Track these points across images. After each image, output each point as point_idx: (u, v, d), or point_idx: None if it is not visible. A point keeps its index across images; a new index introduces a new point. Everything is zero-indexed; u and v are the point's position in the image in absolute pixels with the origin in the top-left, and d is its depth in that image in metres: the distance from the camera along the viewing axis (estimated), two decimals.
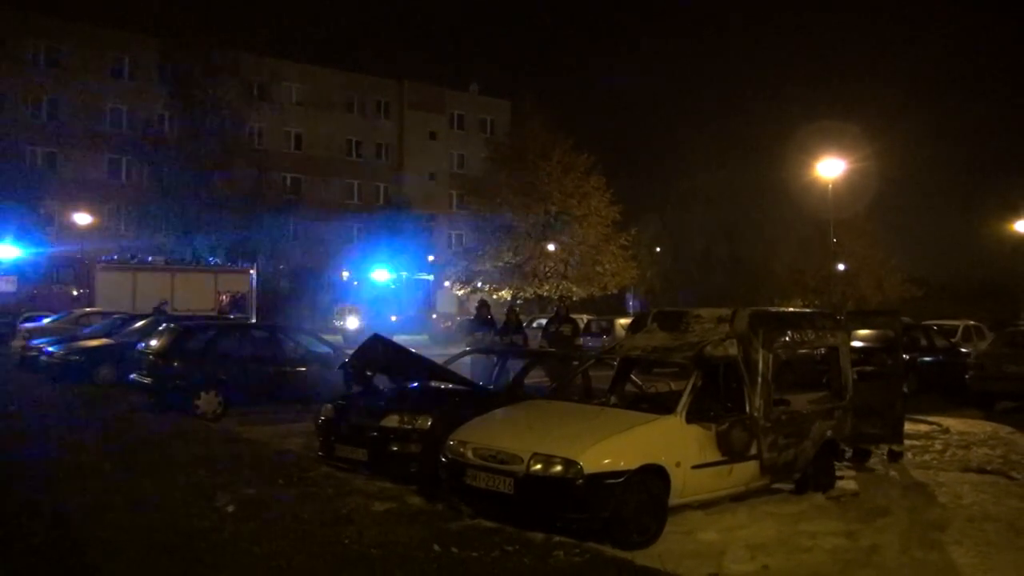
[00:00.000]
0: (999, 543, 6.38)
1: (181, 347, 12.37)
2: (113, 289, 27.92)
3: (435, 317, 35.17)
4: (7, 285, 27.15)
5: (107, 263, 30.33)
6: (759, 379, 7.23)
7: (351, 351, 10.11)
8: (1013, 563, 5.97)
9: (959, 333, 21.77)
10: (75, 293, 28.39)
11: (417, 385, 9.08)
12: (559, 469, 6.02)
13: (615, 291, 40.88)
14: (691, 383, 6.89)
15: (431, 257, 46.92)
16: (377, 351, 9.12)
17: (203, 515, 6.11)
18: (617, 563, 5.34)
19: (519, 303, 34.87)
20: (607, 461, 6.12)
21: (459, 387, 9.06)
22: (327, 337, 15.58)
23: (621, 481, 6.05)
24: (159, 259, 31.11)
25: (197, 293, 28.40)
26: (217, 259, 33.25)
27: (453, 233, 53.64)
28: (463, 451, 6.59)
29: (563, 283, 37.65)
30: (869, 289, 46.90)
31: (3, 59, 41.79)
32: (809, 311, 13.49)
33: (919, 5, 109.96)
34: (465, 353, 11.29)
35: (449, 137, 57.07)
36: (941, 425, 12.15)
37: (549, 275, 37.98)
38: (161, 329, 13.44)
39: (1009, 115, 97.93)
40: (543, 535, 5.72)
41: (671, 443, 6.53)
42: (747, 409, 7.14)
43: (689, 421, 6.66)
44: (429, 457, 7.19)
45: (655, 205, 51.82)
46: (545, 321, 19.07)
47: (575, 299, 38.05)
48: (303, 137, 51.74)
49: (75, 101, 43.59)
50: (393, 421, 7.89)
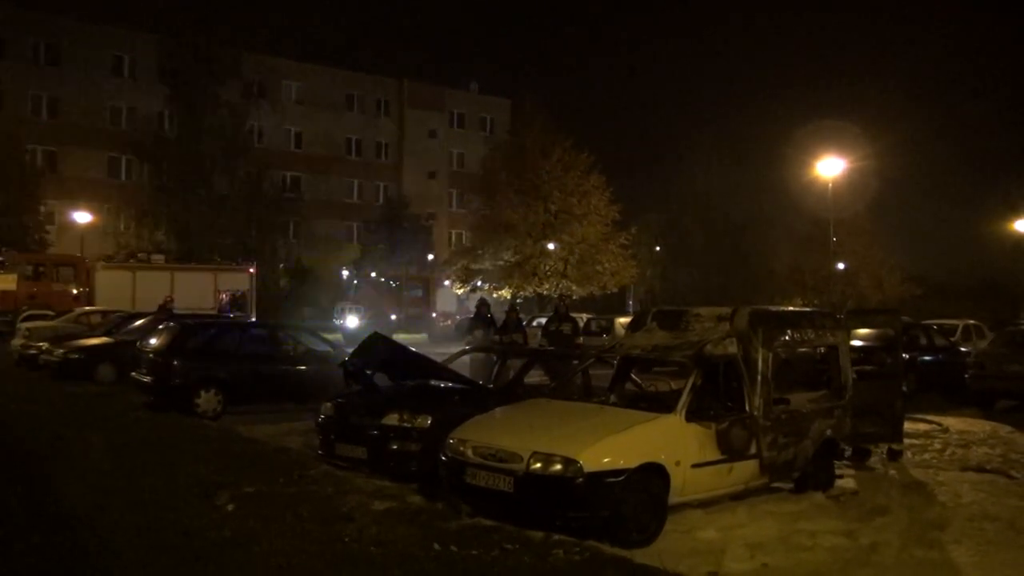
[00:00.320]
0: (999, 542, 6.39)
1: (181, 345, 12.37)
2: (113, 288, 27.95)
3: (435, 316, 35.17)
4: (7, 283, 27.11)
5: (107, 262, 30.36)
6: (759, 378, 7.24)
7: (351, 350, 10.12)
8: (1013, 562, 5.97)
9: (959, 332, 21.80)
10: (75, 292, 28.38)
11: (417, 384, 9.08)
12: (559, 468, 6.03)
13: (615, 290, 40.85)
14: (691, 382, 6.90)
15: (431, 256, 46.93)
16: (377, 350, 9.14)
17: (203, 513, 6.11)
18: (617, 562, 5.34)
19: (519, 302, 34.84)
20: (607, 460, 6.12)
21: (459, 386, 9.07)
22: (327, 335, 15.58)
23: (621, 480, 6.06)
24: (159, 257, 31.12)
25: (197, 292, 28.40)
26: (217, 257, 33.27)
27: (453, 232, 53.68)
28: (463, 450, 6.60)
29: (563, 282, 37.62)
30: (869, 288, 46.85)
31: (3, 57, 41.82)
32: (809, 310, 13.50)
33: (919, 5, 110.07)
34: (465, 352, 11.31)
35: (449, 136, 57.06)
36: (941, 424, 12.16)
37: (549, 274, 37.96)
38: (161, 327, 13.45)
39: (1009, 114, 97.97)
40: (543, 534, 5.72)
41: (671, 442, 6.53)
42: (747, 408, 7.15)
43: (689, 420, 6.67)
44: (429, 456, 7.20)
45: (655, 204, 51.79)
46: (545, 320, 19.07)
47: (575, 298, 38.02)
48: (303, 136, 51.77)
49: (75, 99, 43.61)
50: (393, 420, 7.89)
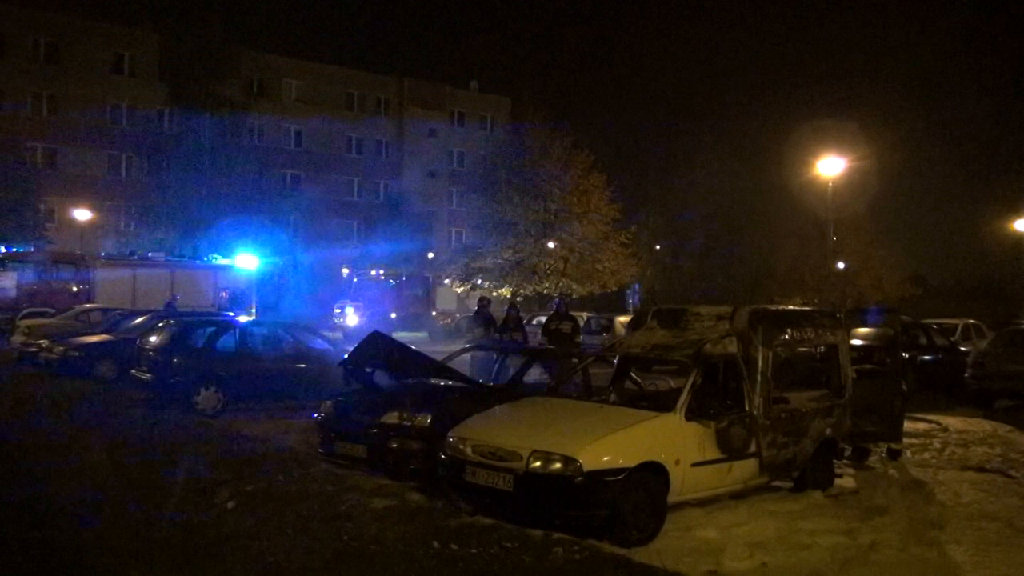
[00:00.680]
0: (998, 541, 6.40)
1: (181, 343, 12.37)
2: (113, 285, 27.95)
3: (435, 314, 35.19)
4: (7, 281, 27.11)
5: (107, 259, 30.37)
6: (759, 377, 7.24)
7: (351, 348, 10.12)
8: (1012, 561, 5.98)
9: (958, 332, 21.79)
10: (75, 289, 28.38)
11: (417, 382, 9.07)
12: (558, 466, 6.03)
13: (615, 289, 40.82)
14: (691, 381, 6.89)
15: (431, 254, 46.93)
16: (377, 348, 9.13)
17: (202, 511, 6.11)
18: (616, 560, 5.34)
19: (519, 300, 34.84)
20: (606, 458, 6.12)
21: (459, 384, 9.06)
22: (326, 334, 15.59)
23: (620, 479, 6.06)
24: (159, 255, 31.13)
25: (197, 289, 28.39)
26: (217, 255, 33.25)
27: (453, 230, 53.65)
28: (462, 448, 6.60)
29: (563, 280, 37.61)
30: (868, 288, 46.87)
31: (4, 54, 41.81)
32: (809, 309, 13.50)
33: (920, 3, 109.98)
34: (465, 350, 11.30)
35: (449, 134, 57.02)
36: (940, 423, 12.16)
37: (549, 272, 37.95)
38: (161, 325, 13.45)
39: (1010, 113, 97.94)
40: (542, 532, 5.72)
41: (670, 441, 6.53)
42: (746, 407, 7.15)
43: (688, 419, 6.66)
44: (428, 454, 7.20)
45: (655, 203, 51.69)
46: (545, 318, 19.07)
47: (575, 296, 38.01)
48: (303, 134, 51.73)
49: (75, 97, 43.58)
50: (393, 418, 7.89)
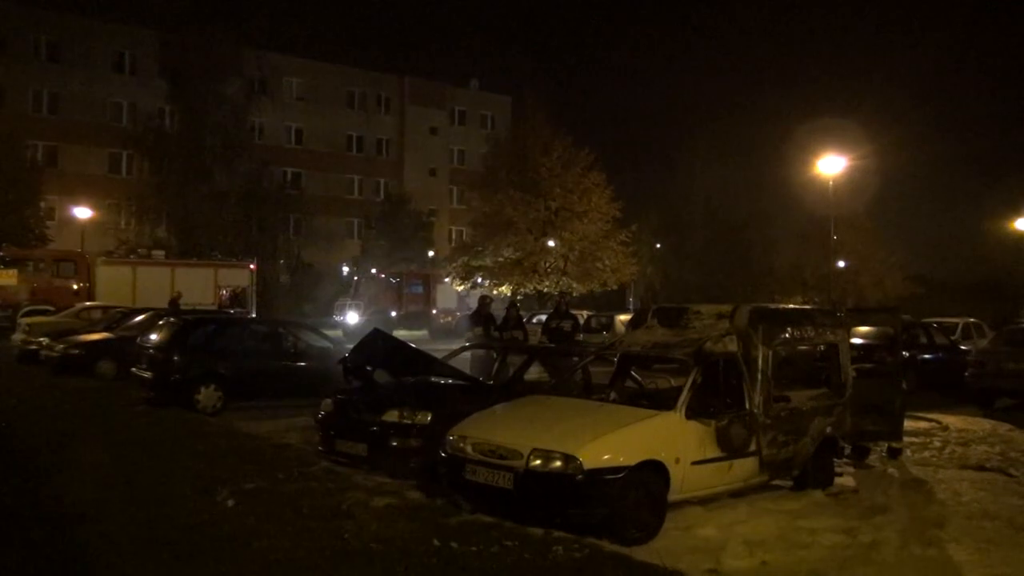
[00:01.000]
0: (998, 540, 6.39)
1: (181, 341, 12.37)
2: (113, 283, 27.98)
3: (435, 312, 35.19)
4: (7, 279, 27.13)
5: (107, 257, 30.39)
6: (759, 375, 7.24)
7: (351, 346, 10.12)
8: (1012, 560, 5.97)
9: (959, 330, 21.77)
10: (75, 287, 28.41)
11: (417, 380, 9.08)
12: (559, 465, 6.03)
13: (615, 287, 40.79)
14: (691, 379, 6.89)
15: (431, 252, 46.92)
16: (377, 346, 9.14)
17: (202, 509, 6.11)
18: (616, 559, 5.34)
19: (519, 299, 34.82)
20: (607, 457, 6.13)
21: (459, 382, 9.07)
22: (327, 332, 15.59)
23: (620, 477, 6.06)
24: (159, 253, 31.13)
25: (197, 287, 28.40)
26: (217, 253, 33.26)
27: (453, 228, 53.66)
28: (463, 446, 6.60)
29: (563, 279, 37.56)
30: (869, 287, 46.86)
31: (4, 53, 41.80)
32: (809, 308, 13.50)
33: (922, 2, 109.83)
34: (465, 348, 11.30)
35: (450, 133, 57.05)
36: (940, 422, 12.16)
37: (549, 271, 37.90)
38: (161, 323, 13.45)
39: (1011, 112, 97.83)
40: (542, 530, 5.72)
41: (671, 439, 6.53)
42: (747, 405, 7.15)
43: (689, 417, 6.67)
44: (429, 452, 7.20)
45: (655, 201, 51.73)
46: (545, 317, 19.07)
47: (575, 295, 37.99)
48: (303, 132, 51.77)
49: (76, 95, 43.60)
50: (393, 416, 7.90)
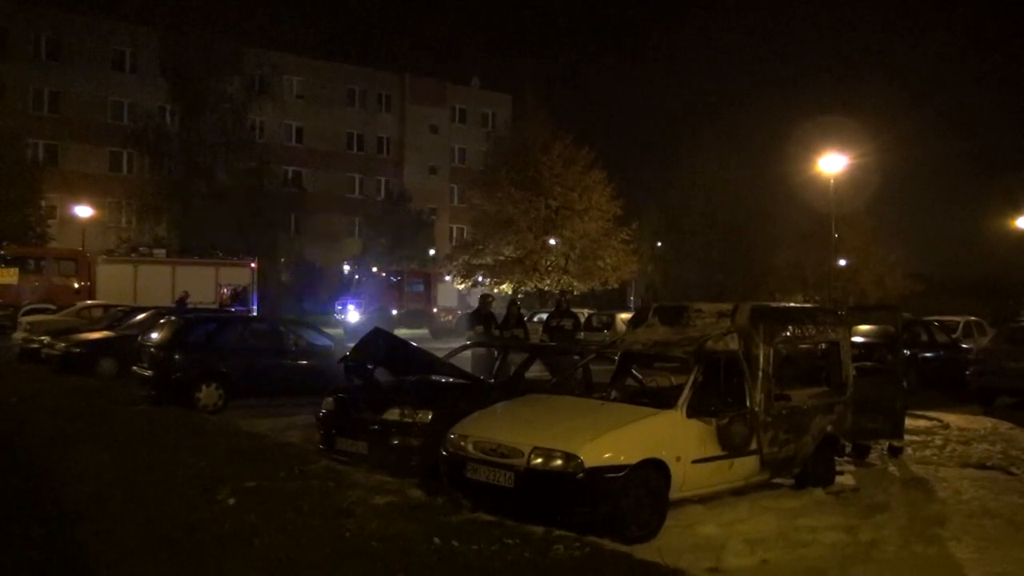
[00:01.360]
0: (999, 539, 6.40)
1: (182, 339, 12.37)
2: (114, 282, 27.99)
3: (436, 311, 35.19)
4: (8, 277, 27.14)
5: (108, 256, 30.40)
6: (760, 374, 7.24)
7: (352, 344, 10.12)
8: (1012, 559, 5.97)
9: (960, 329, 21.73)
10: (76, 286, 28.43)
11: (418, 379, 9.08)
12: (560, 463, 6.03)
13: (616, 285, 40.79)
14: (692, 378, 6.89)
15: (432, 251, 46.92)
16: (378, 345, 9.14)
17: (203, 508, 6.11)
18: (617, 557, 5.34)
19: (520, 297, 34.81)
20: (608, 455, 6.13)
21: (460, 381, 9.07)
22: (327, 330, 15.60)
23: (621, 475, 6.06)
24: (160, 252, 31.14)
25: (198, 286, 28.40)
26: (218, 252, 33.26)
27: (454, 227, 53.68)
28: (464, 445, 6.60)
29: (564, 277, 37.56)
30: (870, 285, 46.82)
31: (5, 51, 41.79)
32: (810, 306, 13.49)
33: (922, 2, 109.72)
34: (466, 347, 11.30)
35: (450, 131, 57.04)
36: (941, 421, 12.17)
37: (550, 269, 37.89)
38: (162, 321, 13.46)
39: (1012, 110, 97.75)
40: (543, 529, 5.72)
41: (672, 437, 6.54)
42: (748, 404, 7.16)
43: (690, 416, 6.67)
44: (430, 450, 7.20)
45: (656, 200, 51.67)
46: (546, 315, 19.07)
47: (576, 293, 37.99)
48: (304, 130, 51.77)
49: (77, 94, 43.60)
50: (394, 415, 7.90)
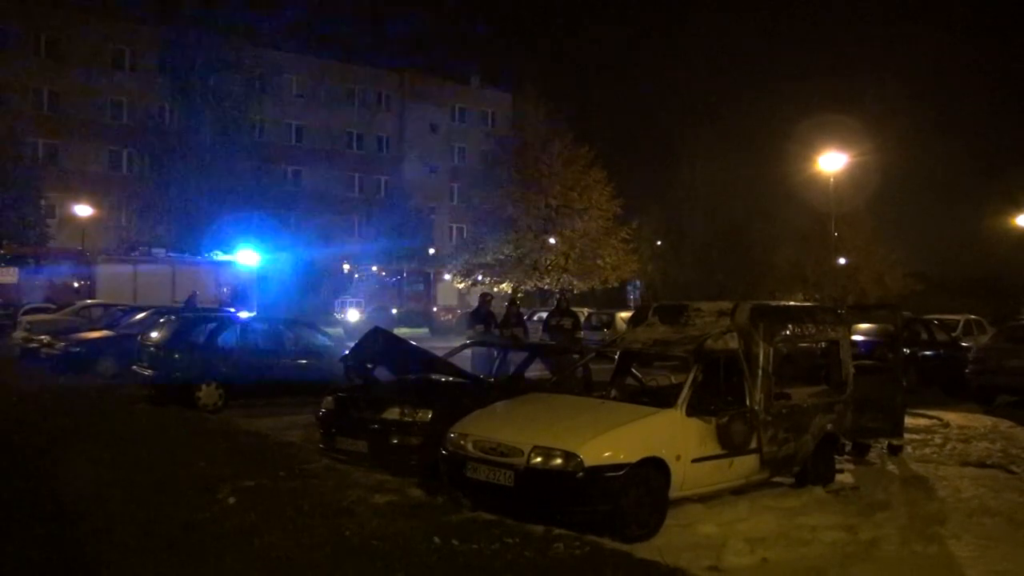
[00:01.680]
0: (998, 537, 6.40)
1: (182, 339, 12.37)
2: (114, 281, 27.98)
3: (436, 310, 35.20)
4: (8, 276, 27.14)
5: (108, 255, 30.38)
6: (760, 373, 7.24)
7: (352, 344, 10.12)
8: (1012, 557, 5.98)
9: (960, 327, 21.72)
10: (76, 285, 28.43)
11: (418, 378, 9.08)
12: (559, 462, 6.03)
13: (616, 284, 40.79)
14: (692, 376, 6.89)
15: (432, 250, 46.90)
16: (378, 344, 9.14)
17: (204, 507, 6.12)
18: (617, 556, 5.35)
19: (520, 296, 34.81)
20: (607, 454, 6.13)
21: (460, 380, 9.07)
22: (327, 330, 15.59)
23: (621, 474, 6.07)
24: (160, 251, 31.13)
25: (198, 285, 28.39)
26: (218, 251, 33.24)
27: (454, 226, 53.62)
28: (463, 444, 6.61)
29: (564, 276, 37.55)
30: (870, 283, 46.82)
31: (4, 49, 41.75)
32: (810, 305, 13.50)
33: (922, 1, 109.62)
34: (466, 346, 11.31)
35: (450, 130, 56.99)
36: (941, 419, 12.16)
37: (550, 268, 37.88)
38: (162, 321, 13.46)
39: (1012, 109, 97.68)
40: (543, 528, 5.73)
41: (671, 436, 6.54)
42: (747, 403, 7.16)
43: (689, 414, 6.67)
44: (430, 450, 7.21)
45: (656, 199, 51.71)
46: (546, 314, 19.07)
47: (576, 292, 37.99)
48: (304, 129, 51.70)
49: (76, 92, 43.53)
50: (394, 414, 7.90)
